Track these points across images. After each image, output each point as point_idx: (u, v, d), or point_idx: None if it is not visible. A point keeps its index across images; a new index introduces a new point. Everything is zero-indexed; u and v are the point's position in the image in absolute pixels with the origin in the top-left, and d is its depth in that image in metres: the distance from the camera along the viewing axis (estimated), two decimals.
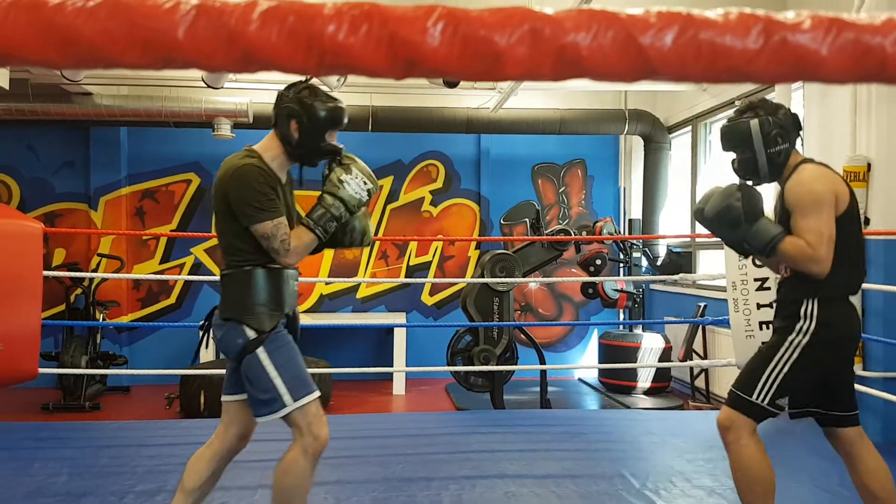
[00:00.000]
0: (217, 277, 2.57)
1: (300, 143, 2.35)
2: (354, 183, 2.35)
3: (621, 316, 7.92)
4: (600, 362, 7.14)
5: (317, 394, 2.35)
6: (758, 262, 4.69)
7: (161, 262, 7.78)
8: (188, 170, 7.86)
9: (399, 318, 7.62)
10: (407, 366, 6.97)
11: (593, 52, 0.34)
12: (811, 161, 2.42)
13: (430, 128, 7.42)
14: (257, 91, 6.91)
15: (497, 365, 5.67)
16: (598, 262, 6.78)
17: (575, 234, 6.66)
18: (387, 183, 8.04)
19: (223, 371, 5.86)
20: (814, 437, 4.66)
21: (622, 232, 7.92)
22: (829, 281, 2.30)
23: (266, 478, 3.61)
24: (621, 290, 7.05)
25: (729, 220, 2.31)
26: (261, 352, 2.30)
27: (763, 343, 4.85)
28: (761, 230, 2.29)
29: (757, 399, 2.38)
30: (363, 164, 2.42)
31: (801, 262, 2.27)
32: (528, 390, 6.71)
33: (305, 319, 7.63)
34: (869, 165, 4.34)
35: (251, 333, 2.31)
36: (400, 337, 6.97)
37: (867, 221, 4.37)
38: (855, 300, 2.44)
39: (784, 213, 2.36)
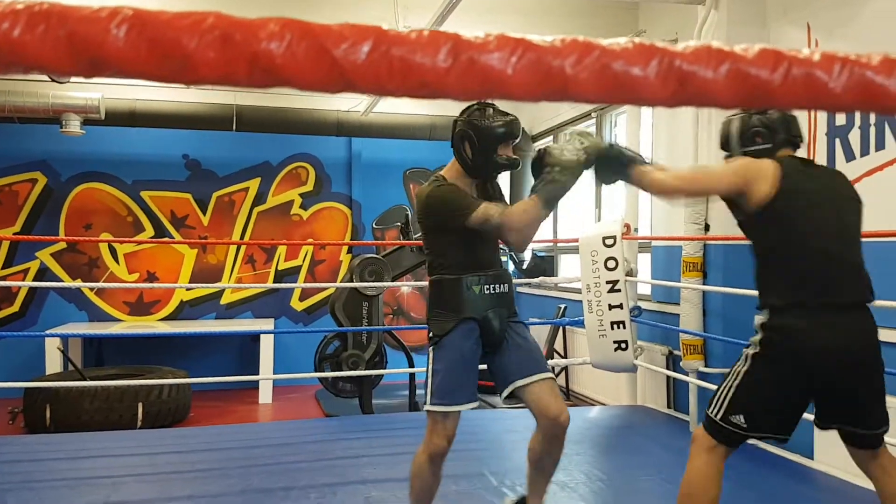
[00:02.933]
0: (66, 284, 2.41)
1: (474, 160, 2.49)
2: (569, 148, 2.31)
3: None
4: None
5: (453, 408, 2.48)
6: (610, 266, 4.94)
7: (3, 268, 7.20)
8: (34, 168, 7.32)
9: (266, 324, 7.42)
10: (275, 373, 6.81)
11: (287, 60, 0.33)
12: (793, 158, 2.28)
13: (299, 129, 7.29)
14: (110, 87, 6.54)
15: (367, 369, 5.64)
16: None
17: None
18: (253, 185, 7.83)
19: (71, 384, 5.53)
20: (661, 432, 4.98)
21: None
22: (768, 290, 2.23)
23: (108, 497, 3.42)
24: None
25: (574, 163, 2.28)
26: (431, 351, 2.54)
27: (615, 342, 5.15)
28: (619, 154, 2.31)
29: (713, 414, 2.25)
30: (579, 131, 2.43)
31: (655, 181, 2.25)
32: (398, 394, 6.72)
33: (163, 327, 7.31)
34: None
35: (432, 334, 2.56)
36: (267, 344, 6.79)
37: (707, 227, 4.69)
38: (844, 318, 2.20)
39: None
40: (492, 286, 2.53)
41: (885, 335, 3.69)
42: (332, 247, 7.95)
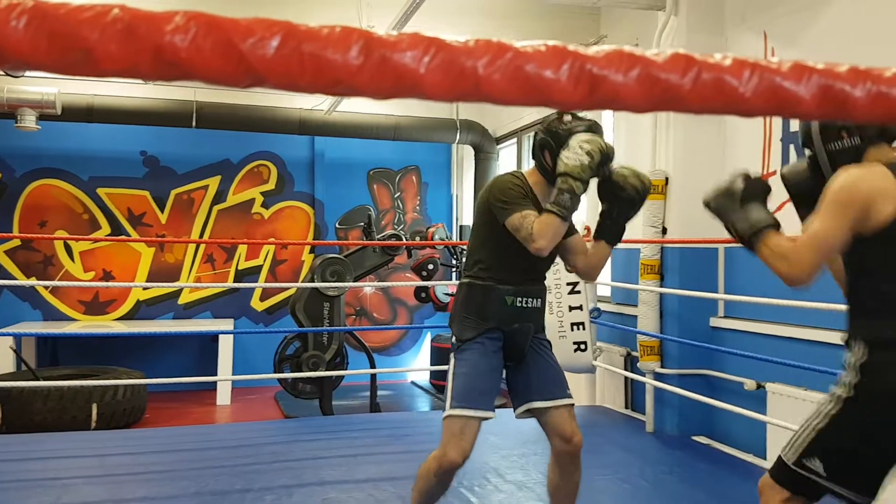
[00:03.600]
0: (20, 282, 2.32)
1: (552, 168, 2.41)
2: (571, 153, 2.29)
3: None
4: (432, 365, 7.26)
5: (474, 412, 2.36)
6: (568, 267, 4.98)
7: None
8: None
9: (226, 324, 7.33)
10: (234, 374, 6.73)
11: (192, 54, 0.33)
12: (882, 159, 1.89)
13: (261, 127, 7.22)
14: (67, 81, 6.40)
15: (327, 371, 5.61)
16: (431, 266, 6.89)
17: (408, 240, 6.74)
18: (213, 183, 7.73)
19: (24, 384, 5.39)
20: (618, 432, 5.04)
21: (454, 238, 8.12)
22: (870, 319, 1.83)
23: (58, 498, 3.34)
24: (452, 294, 7.22)
25: (725, 196, 1.99)
26: (452, 356, 2.47)
27: (574, 343, 5.19)
28: (751, 212, 1.92)
29: (786, 457, 1.91)
30: (584, 137, 2.34)
31: (772, 260, 1.83)
32: (359, 395, 6.70)
33: (119, 327, 7.18)
34: (667, 179, 4.73)
35: (454, 339, 2.49)
36: (226, 344, 6.70)
37: (664, 231, 4.76)
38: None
39: None
40: (525, 300, 2.44)
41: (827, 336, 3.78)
42: (294, 246, 7.89)
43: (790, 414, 3.81)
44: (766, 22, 4.28)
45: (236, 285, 7.30)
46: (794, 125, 4.11)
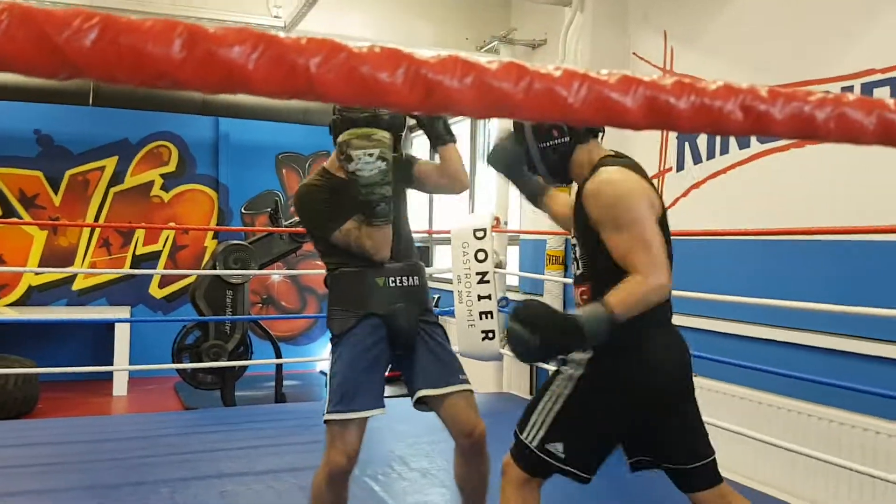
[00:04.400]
0: None
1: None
2: (364, 164, 2.10)
3: None
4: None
5: (353, 415, 2.20)
6: (480, 257, 5.05)
7: None
8: None
9: (122, 312, 7.05)
10: (131, 364, 6.49)
11: (4, 45, 0.31)
12: (615, 158, 1.98)
13: (162, 106, 6.93)
14: None
15: (230, 361, 5.48)
16: None
17: None
18: (110, 164, 7.39)
19: None
20: (497, 425, 5.13)
21: None
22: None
23: None
24: None
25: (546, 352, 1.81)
26: (331, 355, 2.32)
27: (483, 331, 5.27)
28: (594, 330, 1.73)
29: (527, 439, 1.93)
30: (363, 143, 2.12)
31: (645, 303, 1.75)
32: (264, 385, 6.57)
33: (10, 313, 6.78)
34: None
35: (331, 335, 2.34)
36: (123, 333, 6.45)
37: None
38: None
39: (586, 225, 1.87)
40: (399, 278, 2.30)
41: (713, 325, 3.97)
42: (196, 232, 7.65)
43: (701, 405, 3.97)
44: (667, 22, 4.44)
45: (134, 271, 7.03)
46: None
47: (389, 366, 2.39)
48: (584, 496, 2.38)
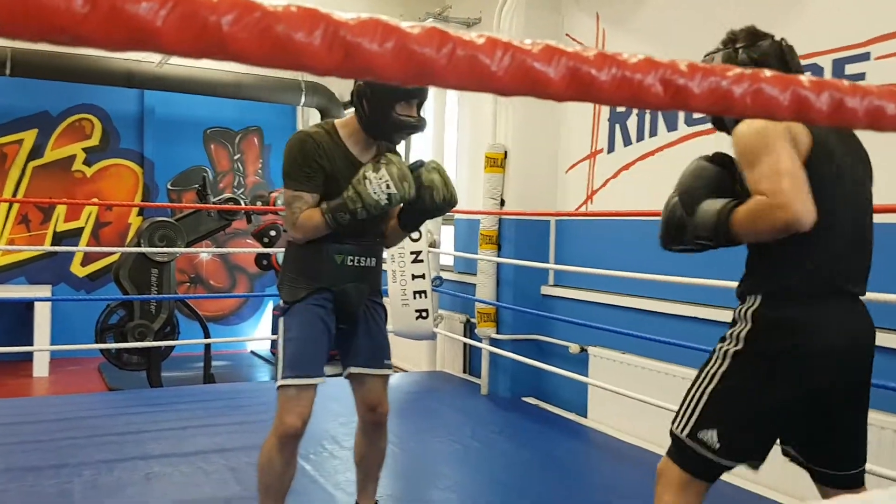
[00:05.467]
0: None
1: (370, 117, 2.27)
2: (377, 183, 2.19)
3: None
4: (274, 333, 7.11)
5: (307, 381, 2.26)
6: (414, 237, 5.04)
7: None
8: None
9: (42, 290, 6.77)
10: (53, 344, 6.25)
11: None
12: None
13: (84, 78, 6.64)
14: None
15: (156, 341, 5.34)
16: (273, 233, 6.72)
17: (247, 204, 6.52)
18: (29, 137, 7.05)
19: None
20: (455, 395, 5.21)
21: None
22: (779, 271, 1.66)
23: None
24: None
25: (674, 226, 1.76)
26: (281, 321, 2.34)
27: (417, 310, 5.29)
28: (704, 212, 1.67)
29: (678, 430, 1.69)
30: (397, 168, 2.22)
31: (766, 221, 1.55)
32: (192, 366, 6.43)
33: None
34: (506, 153, 4.88)
35: (282, 301, 2.37)
36: (43, 312, 6.20)
37: (502, 202, 4.92)
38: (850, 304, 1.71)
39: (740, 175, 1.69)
40: (357, 258, 2.34)
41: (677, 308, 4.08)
42: (120, 208, 7.39)
43: (609, 375, 4.11)
44: (599, 4, 4.49)
45: (54, 249, 6.75)
46: (620, 107, 4.36)
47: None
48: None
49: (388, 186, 2.18)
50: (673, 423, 1.71)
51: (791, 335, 1.62)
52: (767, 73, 0.43)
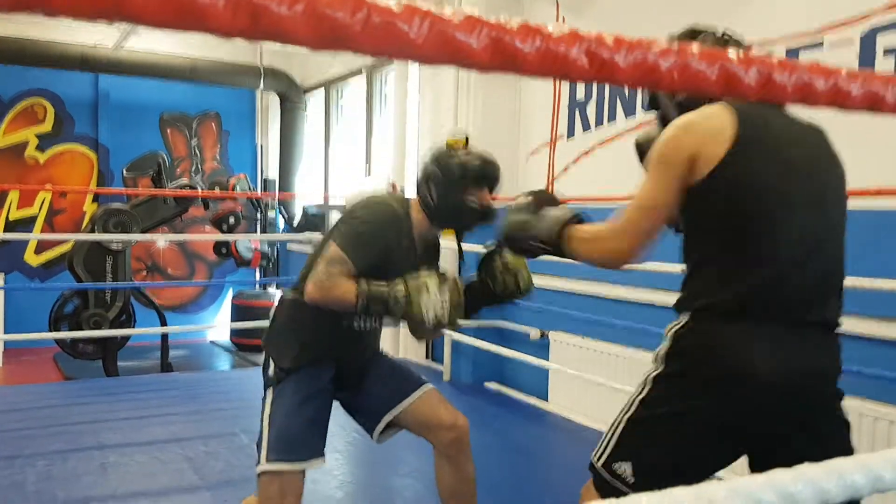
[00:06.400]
0: None
1: (438, 202, 2.03)
2: (435, 301, 1.88)
3: (257, 275, 7.88)
4: (234, 322, 7.02)
5: (295, 465, 1.93)
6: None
7: None
8: None
9: None
10: (6, 334, 6.10)
11: None
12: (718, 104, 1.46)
13: (36, 62, 6.46)
14: None
15: (111, 329, 5.24)
16: (232, 220, 6.64)
17: (205, 190, 6.42)
18: None
19: None
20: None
21: (258, 190, 7.84)
22: (699, 288, 1.46)
23: None
24: (255, 250, 7.00)
25: (518, 216, 1.70)
26: (270, 390, 2.02)
27: None
28: (545, 217, 1.62)
29: (594, 458, 1.53)
30: (458, 296, 1.91)
31: (586, 248, 1.54)
32: (150, 355, 6.33)
33: None
34: (467, 139, 4.87)
35: (272, 366, 2.04)
36: None
37: None
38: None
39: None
40: (363, 321, 2.06)
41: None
42: (75, 195, 7.21)
43: (570, 360, 4.15)
44: None
45: (7, 236, 6.57)
46: (580, 93, 4.38)
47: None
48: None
49: (441, 309, 1.88)
50: (594, 449, 1.54)
51: (706, 360, 1.42)
52: (695, 48, 0.43)
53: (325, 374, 2.04)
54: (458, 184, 2.02)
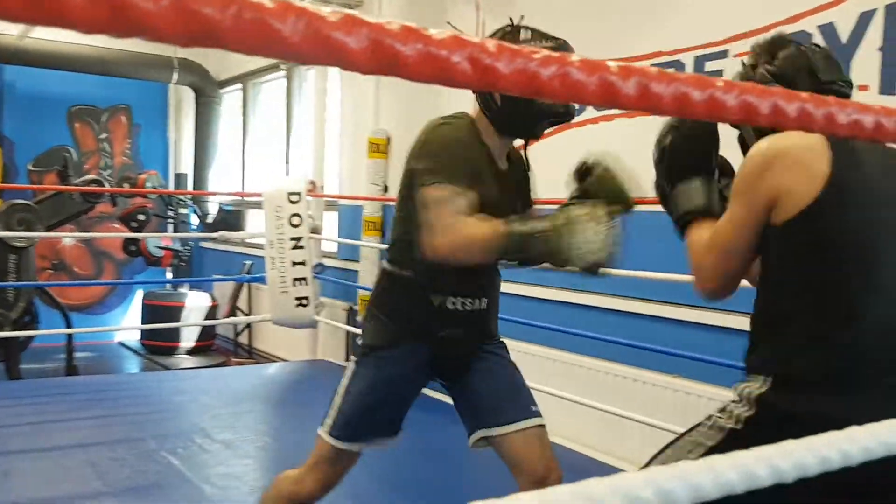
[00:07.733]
0: None
1: (503, 107, 1.73)
2: (593, 239, 1.51)
3: (169, 275, 7.64)
4: (143, 323, 6.78)
5: (354, 446, 1.84)
6: (294, 222, 4.93)
7: None
8: None
9: None
10: None
11: None
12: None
13: None
14: None
15: (14, 331, 4.98)
16: (141, 217, 6.42)
17: (115, 186, 6.18)
18: None
19: None
20: (334, 383, 5.12)
21: (169, 186, 7.60)
22: (782, 343, 1.29)
23: None
24: (166, 248, 6.79)
25: (656, 165, 1.50)
26: (354, 362, 1.87)
27: (297, 298, 5.17)
28: (682, 195, 1.44)
29: None
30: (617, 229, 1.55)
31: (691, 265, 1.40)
32: (53, 357, 6.05)
33: None
34: (388, 139, 4.87)
35: (361, 339, 1.88)
36: None
37: (386, 189, 4.90)
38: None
39: None
40: (462, 301, 1.79)
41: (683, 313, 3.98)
42: None
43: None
44: None
45: None
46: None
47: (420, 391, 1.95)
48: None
49: (599, 250, 1.52)
50: None
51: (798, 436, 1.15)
52: (575, 57, 0.44)
53: (416, 356, 1.81)
54: None
